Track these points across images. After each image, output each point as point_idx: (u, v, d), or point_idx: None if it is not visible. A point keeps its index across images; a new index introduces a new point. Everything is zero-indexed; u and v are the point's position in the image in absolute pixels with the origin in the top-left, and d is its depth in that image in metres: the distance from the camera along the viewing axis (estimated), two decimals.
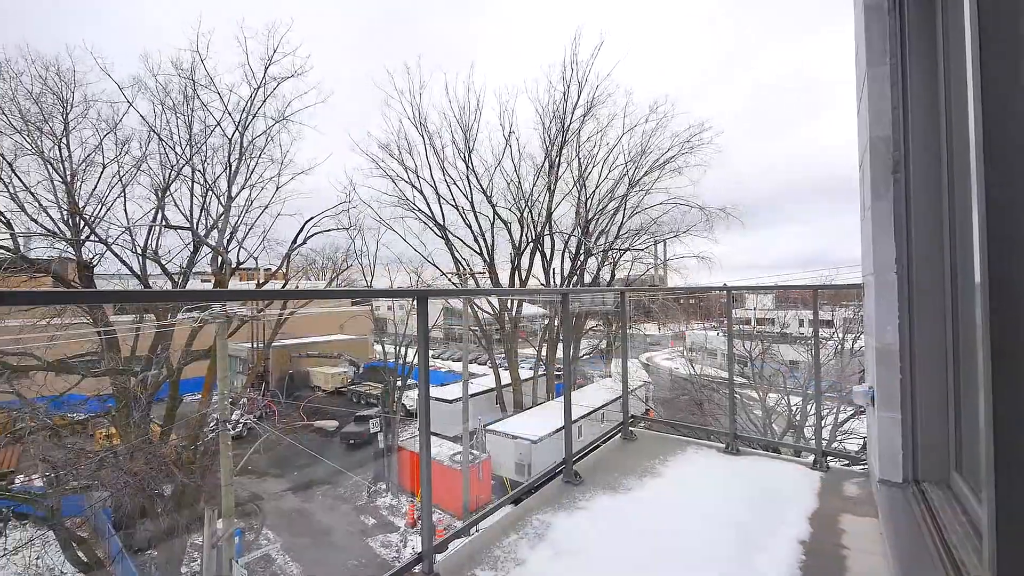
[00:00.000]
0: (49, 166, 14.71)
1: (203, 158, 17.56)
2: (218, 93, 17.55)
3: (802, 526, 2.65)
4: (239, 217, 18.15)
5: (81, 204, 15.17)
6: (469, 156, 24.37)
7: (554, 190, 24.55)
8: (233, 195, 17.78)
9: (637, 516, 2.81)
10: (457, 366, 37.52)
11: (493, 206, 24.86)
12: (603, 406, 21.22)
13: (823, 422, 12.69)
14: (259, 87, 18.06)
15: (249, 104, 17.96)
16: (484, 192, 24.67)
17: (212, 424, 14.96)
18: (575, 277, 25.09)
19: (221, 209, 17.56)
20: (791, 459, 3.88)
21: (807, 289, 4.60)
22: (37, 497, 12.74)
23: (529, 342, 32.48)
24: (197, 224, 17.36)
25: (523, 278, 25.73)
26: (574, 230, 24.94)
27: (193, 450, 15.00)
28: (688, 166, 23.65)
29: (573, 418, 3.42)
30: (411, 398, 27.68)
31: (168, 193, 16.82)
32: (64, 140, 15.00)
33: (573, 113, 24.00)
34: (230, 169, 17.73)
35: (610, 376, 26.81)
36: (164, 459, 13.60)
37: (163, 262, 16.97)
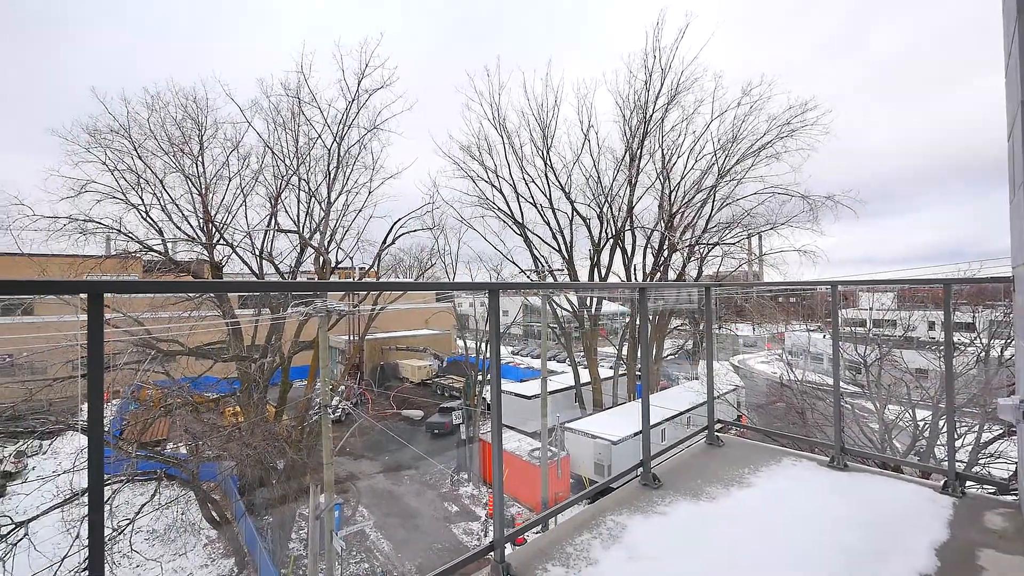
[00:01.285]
0: (189, 181, 17.28)
1: (307, 168, 19.49)
2: (319, 108, 19.37)
3: (926, 558, 2.28)
4: (337, 220, 19.91)
5: (213, 213, 17.63)
6: (547, 153, 24.35)
7: (635, 183, 23.69)
8: (332, 200, 19.51)
9: (721, 527, 2.61)
10: (536, 363, 37.78)
11: (572, 202, 24.62)
12: (688, 410, 20.09)
13: (960, 441, 10.86)
14: (353, 100, 19.63)
15: (345, 116, 19.59)
16: (562, 188, 24.52)
17: (315, 408, 16.58)
18: (658, 274, 24.01)
19: (322, 214, 19.36)
20: (914, 480, 3.36)
21: (936, 285, 3.95)
22: (182, 462, 15.05)
23: (609, 340, 31.74)
24: (303, 228, 19.32)
25: (602, 275, 25.17)
26: (657, 224, 23.86)
27: (300, 430, 16.77)
28: (788, 151, 21.51)
29: (655, 421, 3.27)
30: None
31: (279, 201, 18.92)
32: (200, 158, 17.51)
33: (656, 102, 22.94)
34: (330, 177, 19.47)
35: (697, 379, 25.31)
36: (277, 436, 15.37)
37: (276, 262, 19.12)
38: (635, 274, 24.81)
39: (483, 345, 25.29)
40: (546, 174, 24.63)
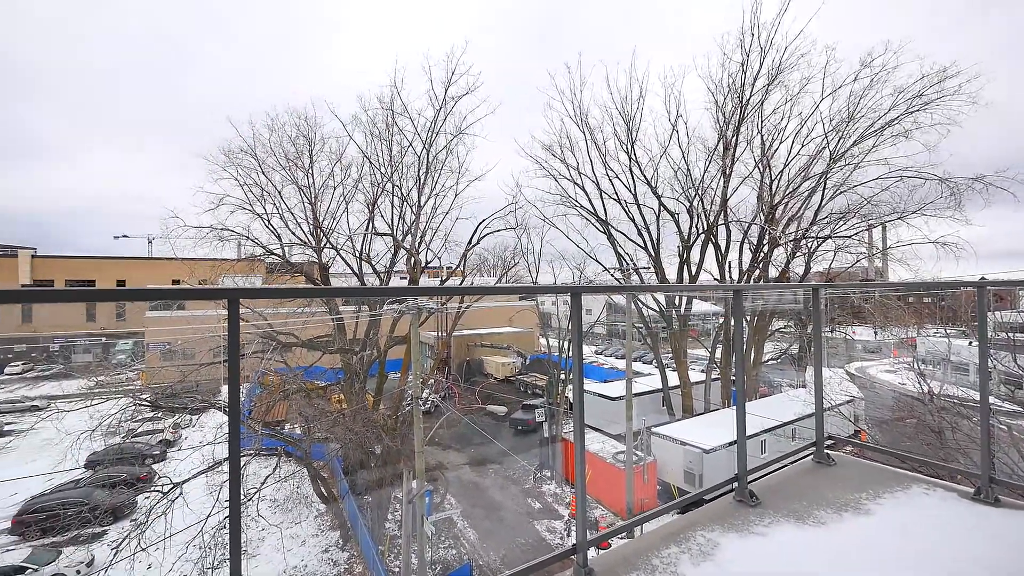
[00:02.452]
0: (301, 192, 19.40)
1: (400, 175, 20.86)
2: (410, 118, 20.63)
3: None
4: (426, 223, 21.06)
5: (321, 219, 19.61)
6: (632, 147, 23.52)
7: (730, 174, 22.00)
8: (422, 204, 20.69)
9: (830, 557, 2.35)
10: (620, 363, 36.78)
11: (658, 197, 23.52)
12: (791, 422, 18.24)
13: None
14: (440, 107, 20.62)
15: (433, 124, 20.65)
16: (648, 183, 23.53)
17: (408, 399, 17.72)
18: (756, 271, 22.07)
19: (413, 217, 20.60)
20: None
21: None
22: (297, 441, 16.95)
23: (700, 342, 29.88)
24: (396, 230, 20.73)
25: (693, 273, 23.74)
26: (755, 218, 21.94)
27: (395, 419, 18.04)
28: (920, 128, 18.55)
29: (752, 431, 3.04)
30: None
31: (376, 206, 20.49)
32: (310, 171, 19.58)
33: (754, 84, 21.08)
34: (419, 182, 20.66)
35: (803, 387, 22.88)
36: (375, 423, 16.69)
37: (373, 263, 20.75)
38: (729, 272, 23.07)
39: (566, 344, 25.19)
40: (631, 169, 23.82)
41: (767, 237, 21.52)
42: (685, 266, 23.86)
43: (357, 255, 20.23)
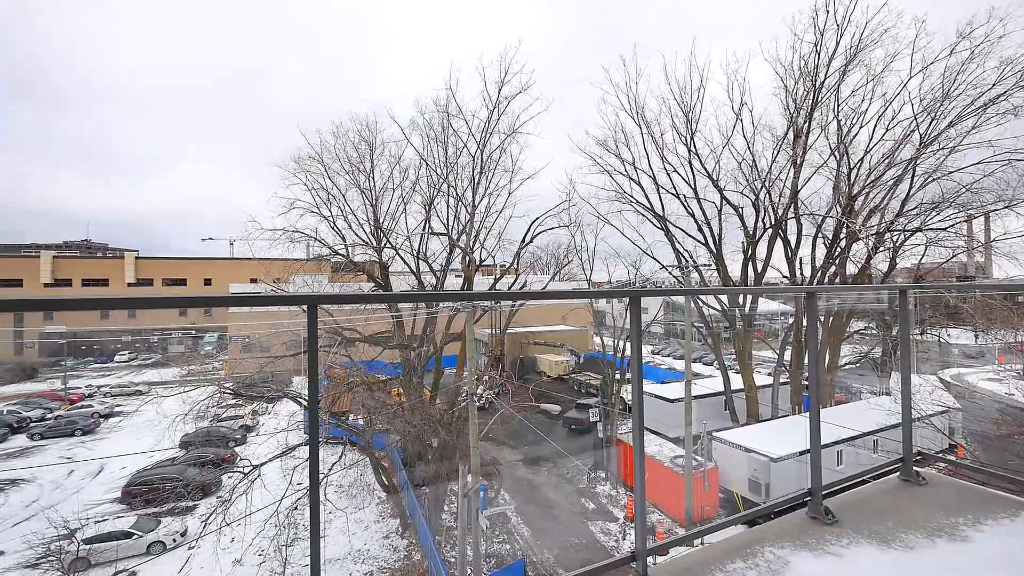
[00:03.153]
0: (363, 195, 20.36)
1: (455, 175, 21.33)
2: (465, 120, 21.02)
3: None
4: (480, 222, 21.39)
5: (381, 220, 20.50)
6: (691, 139, 22.54)
7: (801, 163, 20.48)
8: (476, 203, 21.04)
9: None
10: (679, 364, 35.47)
11: (720, 190, 22.38)
12: (873, 432, 16.72)
13: None
14: (494, 108, 20.83)
15: (487, 124, 20.91)
16: (709, 176, 22.44)
17: (463, 395, 18.13)
18: (832, 268, 20.42)
19: (468, 216, 21.01)
20: None
21: None
22: (360, 432, 17.88)
23: (767, 343, 28.13)
24: (451, 230, 21.24)
25: (759, 271, 22.39)
26: (830, 210, 20.29)
27: (451, 413, 18.53)
28: None
29: (827, 441, 2.83)
30: (629, 392, 27.58)
31: (432, 207, 21.10)
32: (371, 175, 20.50)
33: (829, 65, 19.47)
34: (474, 182, 21.01)
35: (887, 394, 20.87)
36: (432, 418, 17.23)
37: (430, 262, 21.40)
38: (800, 269, 21.52)
39: (621, 343, 24.66)
40: (690, 162, 22.83)
41: (845, 231, 19.83)
42: (750, 263, 22.55)
43: (415, 254, 20.95)
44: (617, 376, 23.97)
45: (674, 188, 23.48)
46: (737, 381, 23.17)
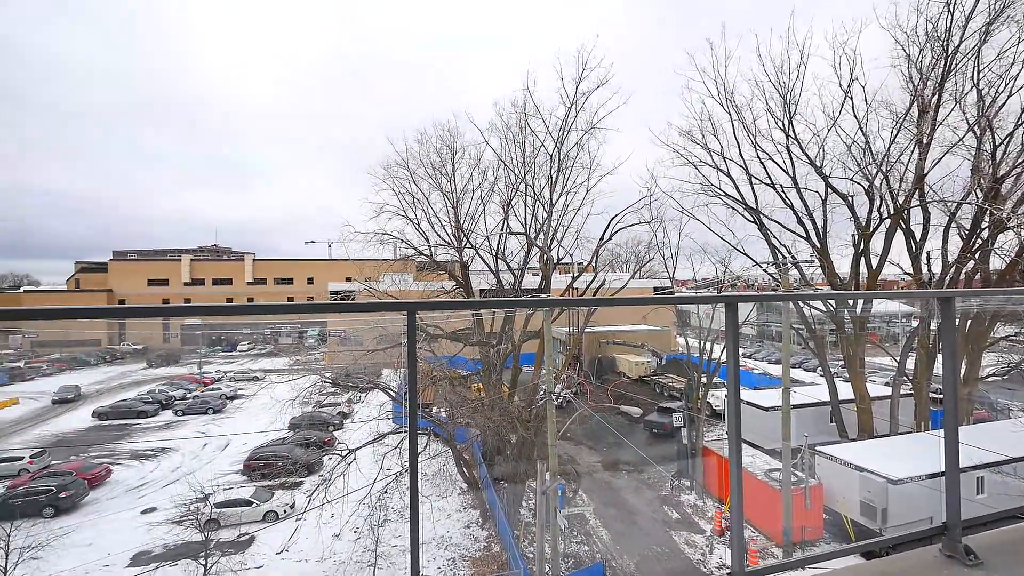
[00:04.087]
0: (445, 197, 21.25)
1: (533, 174, 21.46)
2: (542, 119, 21.05)
3: None
4: (558, 220, 21.32)
5: (461, 221, 21.25)
6: (790, 123, 20.50)
7: (928, 143, 17.73)
8: (554, 202, 21.00)
9: None
10: (774, 369, 32.64)
11: (825, 178, 20.11)
12: None
13: None
14: (571, 104, 20.61)
15: (564, 122, 20.76)
16: (811, 162, 20.26)
17: (541, 393, 18.22)
18: (970, 262, 17.47)
19: (545, 215, 21.04)
20: None
21: None
22: (443, 424, 18.73)
23: (883, 348, 24.81)
24: (529, 229, 21.41)
25: (873, 267, 19.82)
26: (968, 195, 17.35)
27: (528, 411, 18.72)
28: None
29: (967, 465, 2.43)
30: (718, 397, 25.88)
31: (510, 206, 21.43)
32: (452, 178, 21.32)
33: (966, 26, 16.62)
34: (551, 180, 20.98)
35: None
36: (510, 414, 17.54)
37: (508, 261, 21.77)
38: (928, 265, 18.68)
39: (708, 345, 23.22)
40: (788, 148, 20.78)
41: (988, 219, 16.85)
42: (863, 258, 20.02)
43: (493, 253, 21.44)
44: (703, 380, 22.60)
45: (769, 178, 21.53)
46: (846, 390, 20.72)
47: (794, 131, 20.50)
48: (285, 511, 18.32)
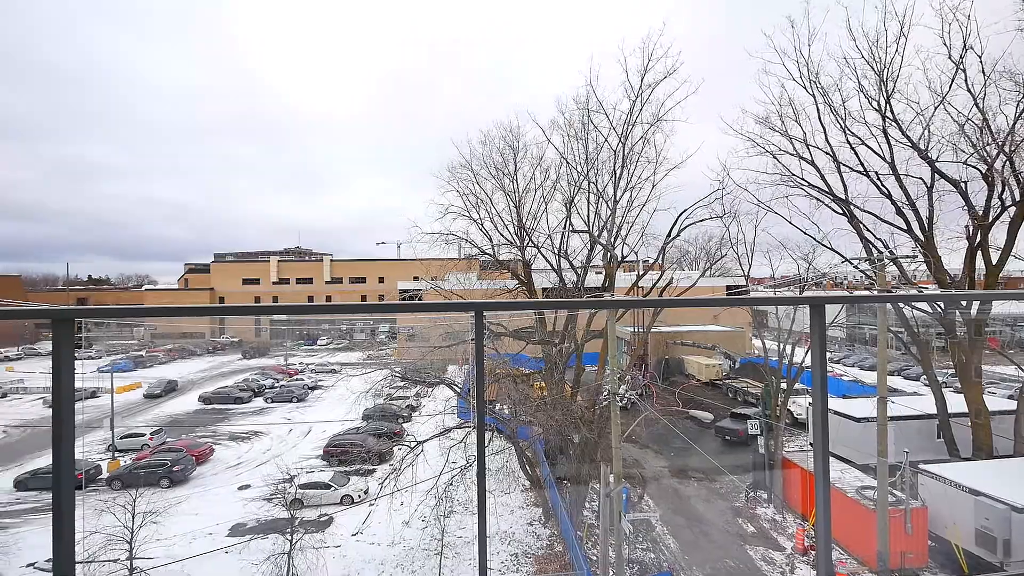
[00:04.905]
0: (507, 197, 21.47)
1: (596, 171, 21.08)
2: (605, 114, 20.60)
3: None
4: (622, 217, 20.77)
5: (524, 220, 21.36)
6: (886, 103, 18.39)
7: None
8: (617, 198, 20.49)
9: None
10: (867, 376, 29.56)
11: (931, 162, 17.83)
12: None
13: None
14: (636, 98, 19.97)
15: (628, 116, 20.17)
16: (914, 145, 18.04)
17: (605, 393, 17.87)
18: None
19: (609, 212, 20.58)
20: None
21: None
22: (505, 420, 18.96)
23: (1007, 355, 21.56)
24: (592, 226, 21.06)
25: (993, 261, 17.29)
26: None
27: (592, 412, 18.44)
28: None
29: None
30: (799, 405, 23.94)
31: (573, 204, 21.20)
32: (514, 176, 21.50)
33: None
34: (615, 176, 20.48)
35: None
36: (573, 414, 17.38)
37: (571, 259, 21.57)
38: None
39: (788, 348, 21.51)
40: (884, 130, 18.65)
41: None
42: (980, 252, 17.54)
43: (556, 252, 21.34)
44: (783, 385, 20.97)
45: (861, 164, 19.47)
46: (957, 403, 18.26)
47: (892, 111, 18.39)
48: (359, 496, 19.50)
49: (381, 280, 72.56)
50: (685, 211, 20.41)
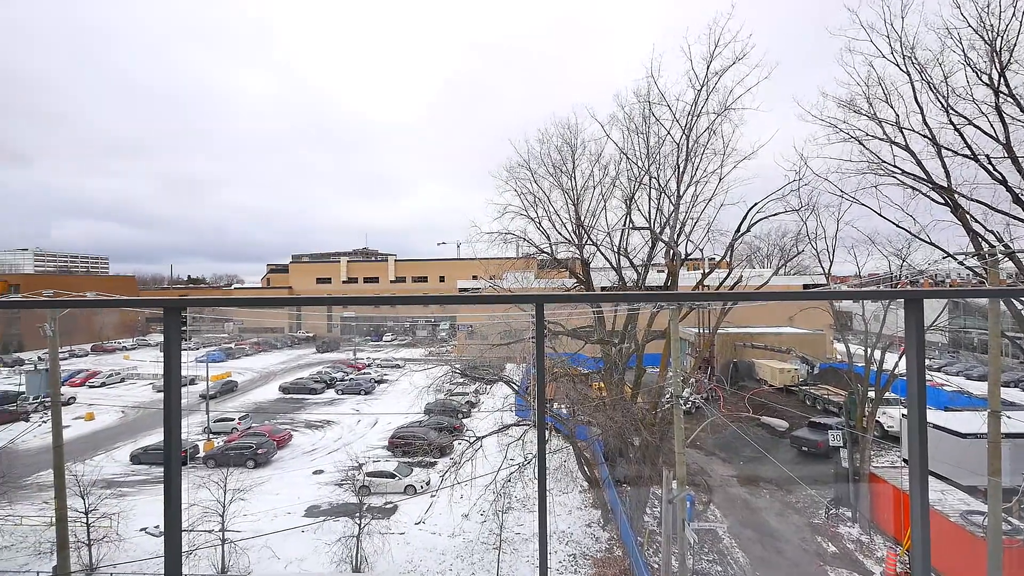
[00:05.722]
0: (565, 195, 21.28)
1: (657, 166, 20.32)
2: (668, 106, 19.77)
3: None
4: (686, 212, 19.85)
5: (582, 218, 21.08)
6: (1000, 76, 16.10)
7: None
8: (681, 193, 19.61)
9: None
10: (975, 386, 26.16)
11: None
12: None
13: None
14: (701, 87, 18.98)
15: (693, 107, 19.21)
16: None
17: (667, 396, 17.23)
18: None
19: (671, 208, 19.77)
20: None
21: None
22: (564, 420, 18.84)
23: None
24: (654, 223, 20.34)
25: None
26: None
27: (653, 414, 17.85)
28: None
29: None
30: (891, 416, 21.70)
31: (633, 200, 20.60)
32: (572, 174, 21.25)
33: None
34: (678, 170, 19.63)
35: None
36: (634, 416, 16.92)
37: (631, 257, 20.98)
38: None
39: (877, 352, 19.55)
40: (997, 107, 16.30)
41: None
42: None
43: (615, 250, 20.85)
44: (870, 394, 19.07)
45: (968, 148, 17.19)
46: None
47: (1007, 85, 16.07)
48: (422, 487, 20.25)
49: (442, 279, 75.08)
50: (756, 205, 19.14)
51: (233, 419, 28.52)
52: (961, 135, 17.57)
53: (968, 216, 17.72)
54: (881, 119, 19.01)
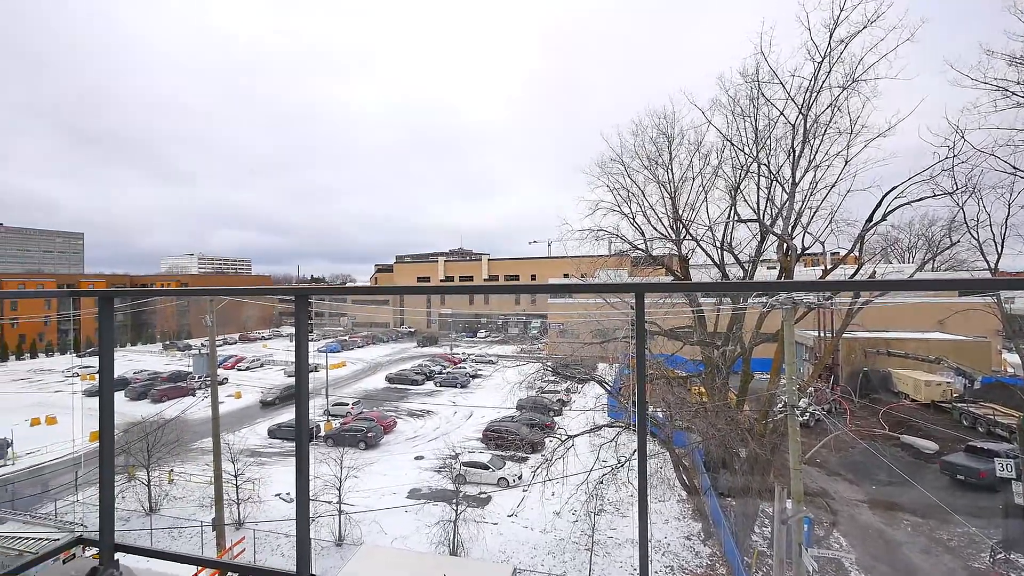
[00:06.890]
0: (661, 188, 20.20)
1: (768, 152, 18.39)
2: (780, 83, 17.76)
3: None
4: (803, 202, 17.71)
5: (680, 212, 19.85)
6: None
7: None
8: (797, 180, 17.54)
9: None
10: None
11: None
12: None
13: None
14: (823, 58, 16.76)
15: (812, 82, 17.05)
16: None
17: (780, 406, 15.58)
18: None
19: (785, 197, 17.78)
20: None
21: None
22: (660, 424, 17.97)
23: None
24: (763, 214, 18.47)
25: None
26: None
27: (763, 424, 16.25)
28: None
29: None
30: None
31: (738, 191, 18.90)
32: (669, 166, 20.10)
33: None
34: (793, 155, 17.58)
35: None
36: (740, 424, 15.57)
37: (736, 252, 19.29)
38: None
39: None
40: None
41: None
42: None
43: (718, 245, 19.33)
44: None
45: None
46: None
47: None
48: (514, 480, 20.68)
49: (533, 277, 76.03)
50: (894, 189, 16.44)
51: (347, 403, 31.68)
52: None
53: None
54: None
